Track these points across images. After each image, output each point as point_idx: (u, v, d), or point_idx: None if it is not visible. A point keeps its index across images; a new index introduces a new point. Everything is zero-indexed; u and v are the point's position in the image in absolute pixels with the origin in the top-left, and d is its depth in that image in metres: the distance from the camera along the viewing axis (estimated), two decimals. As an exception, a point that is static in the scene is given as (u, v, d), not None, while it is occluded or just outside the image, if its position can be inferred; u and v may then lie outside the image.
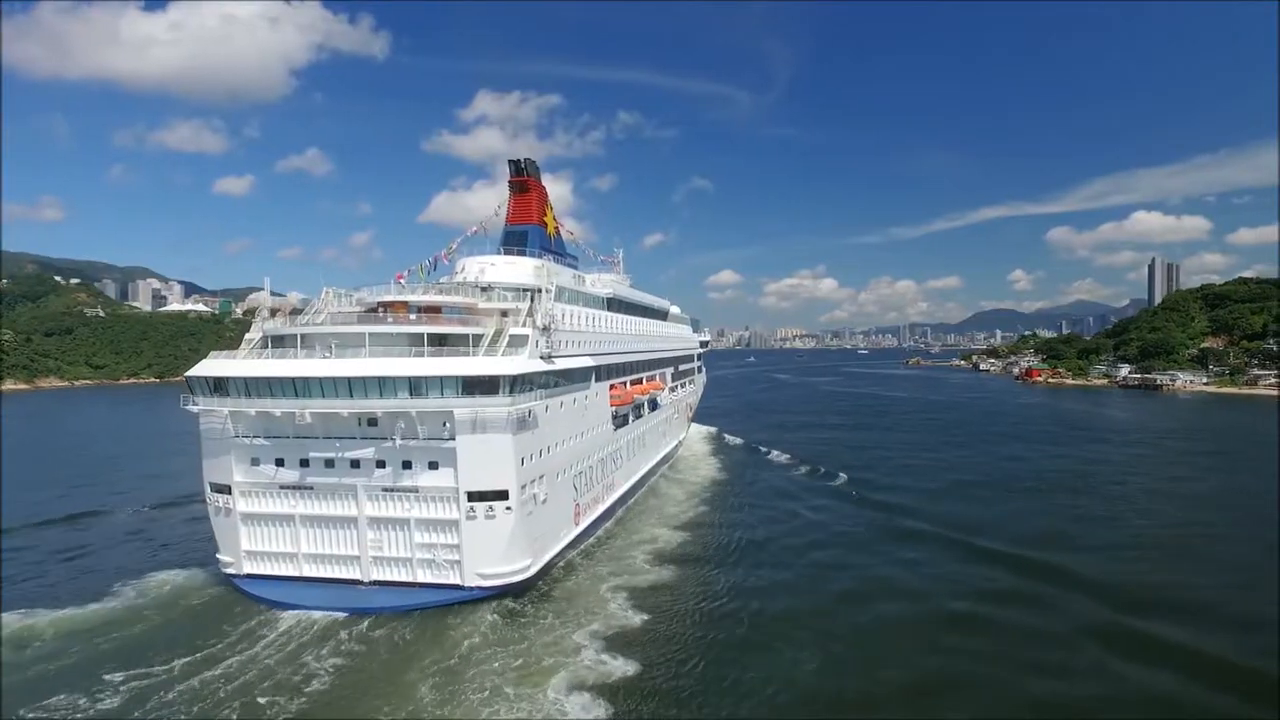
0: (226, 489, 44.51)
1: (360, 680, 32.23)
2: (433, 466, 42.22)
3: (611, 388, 62.35)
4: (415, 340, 43.50)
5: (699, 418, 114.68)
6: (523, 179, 66.01)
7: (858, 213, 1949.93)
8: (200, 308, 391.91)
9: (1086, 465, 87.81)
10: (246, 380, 42.91)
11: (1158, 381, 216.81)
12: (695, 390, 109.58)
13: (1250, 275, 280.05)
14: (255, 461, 44.31)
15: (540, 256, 60.35)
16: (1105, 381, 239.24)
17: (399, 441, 41.63)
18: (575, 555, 49.83)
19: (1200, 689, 32.22)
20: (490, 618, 38.91)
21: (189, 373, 45.19)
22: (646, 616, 39.13)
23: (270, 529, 44.72)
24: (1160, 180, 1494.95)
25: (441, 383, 41.08)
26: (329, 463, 43.33)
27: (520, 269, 56.79)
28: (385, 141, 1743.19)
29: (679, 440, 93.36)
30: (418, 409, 40.98)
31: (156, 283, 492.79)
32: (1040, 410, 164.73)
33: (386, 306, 47.62)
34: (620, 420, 63.87)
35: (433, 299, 48.88)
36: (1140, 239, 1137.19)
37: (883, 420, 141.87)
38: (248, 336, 48.72)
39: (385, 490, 42.90)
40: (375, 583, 43.31)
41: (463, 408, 40.88)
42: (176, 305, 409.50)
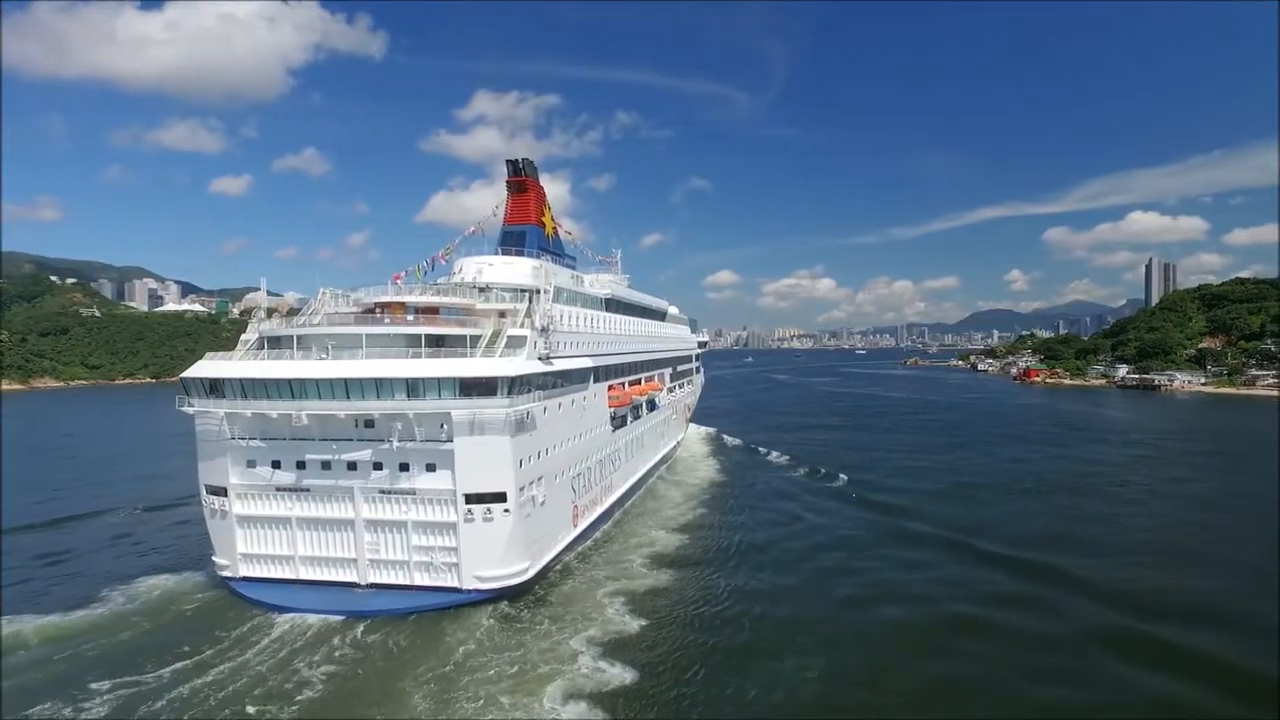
0: (222, 491, 44.14)
1: (353, 688, 31.76)
2: (430, 468, 41.87)
3: (610, 389, 62.00)
4: (412, 341, 43.14)
5: (697, 418, 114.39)
6: (520, 179, 65.68)
7: (856, 213, 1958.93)
8: (197, 308, 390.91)
9: (1087, 466, 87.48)
10: (242, 381, 42.57)
11: (1156, 382, 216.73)
12: (693, 391, 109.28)
13: (1247, 275, 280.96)
14: (251, 463, 43.95)
15: (538, 257, 60.00)
16: (1103, 382, 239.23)
17: (396, 443, 41.25)
18: (572, 559, 49.35)
19: (1204, 692, 31.90)
20: (486, 623, 38.47)
21: (184, 374, 44.84)
22: (645, 622, 38.52)
23: (266, 531, 44.36)
24: (1157, 181, 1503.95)
25: (439, 384, 40.76)
26: (326, 465, 42.97)
27: (518, 269, 56.45)
28: (383, 141, 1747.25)
29: (677, 441, 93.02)
30: (415, 411, 40.66)
31: (153, 283, 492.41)
32: (1039, 411, 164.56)
33: (384, 307, 47.30)
34: (619, 421, 63.52)
35: (430, 300, 48.51)
36: (1137, 239, 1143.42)
37: (882, 421, 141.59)
38: (244, 337, 48.34)
39: (382, 492, 42.57)
40: (372, 586, 42.95)
41: (460, 409, 40.56)
42: (173, 305, 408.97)
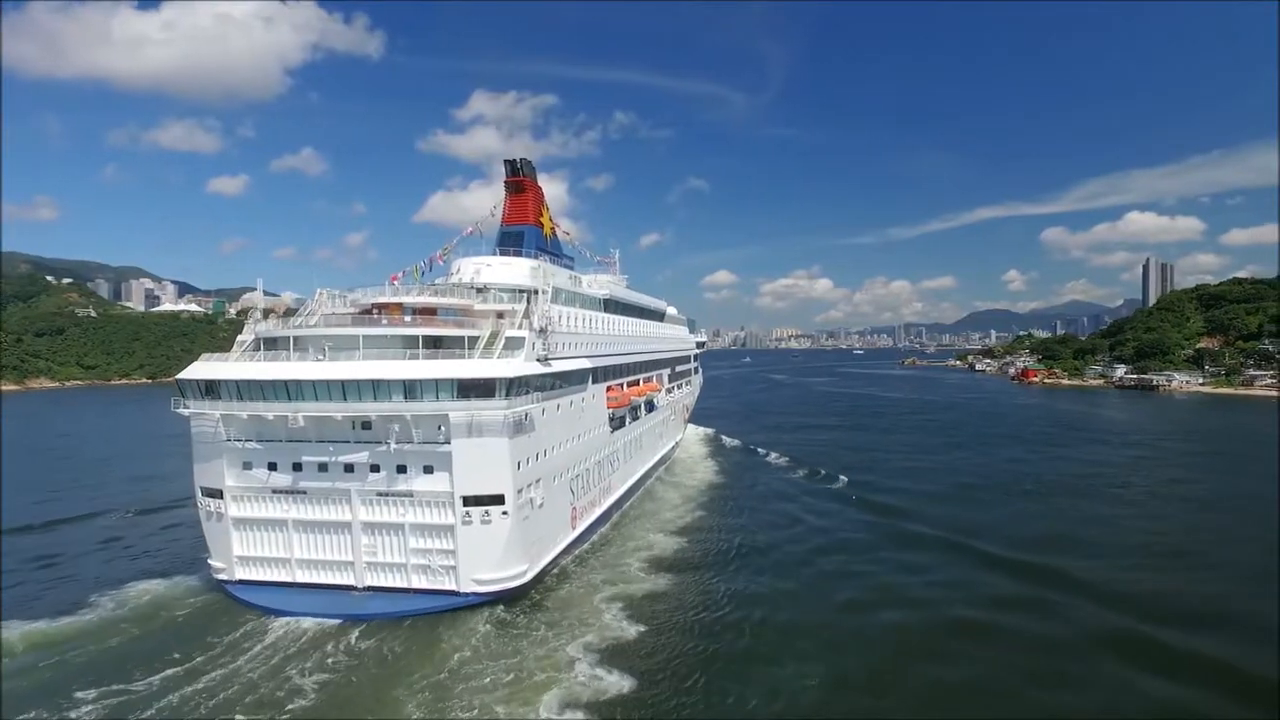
0: (218, 493, 43.79)
1: (346, 695, 31.24)
2: (428, 471, 41.51)
3: (608, 389, 61.70)
4: (410, 343, 42.81)
5: (695, 419, 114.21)
6: (519, 179, 65.36)
7: (853, 213, 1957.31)
8: (193, 308, 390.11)
9: (1086, 467, 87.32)
10: (238, 383, 42.23)
11: (1154, 382, 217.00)
12: (692, 391, 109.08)
13: (1244, 276, 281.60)
14: (247, 465, 43.57)
15: (536, 257, 59.69)
16: (1101, 382, 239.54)
17: (393, 445, 40.91)
18: (569, 562, 48.89)
19: (1207, 696, 31.70)
20: (483, 628, 37.92)
21: (180, 375, 44.42)
22: (643, 628, 37.93)
23: (263, 534, 44.00)
24: (1154, 181, 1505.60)
25: (437, 386, 40.46)
26: (322, 467, 42.61)
27: (516, 270, 56.11)
28: (380, 141, 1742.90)
29: (675, 442, 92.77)
30: (412, 412, 40.32)
31: (150, 283, 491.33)
32: (1038, 411, 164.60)
33: (381, 308, 46.97)
34: (617, 422, 63.24)
35: (428, 300, 48.20)
36: (1134, 239, 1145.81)
37: (880, 421, 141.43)
38: (240, 338, 47.95)
39: (379, 495, 42.23)
40: (369, 589, 42.56)
41: (458, 411, 40.24)
42: (169, 305, 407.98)
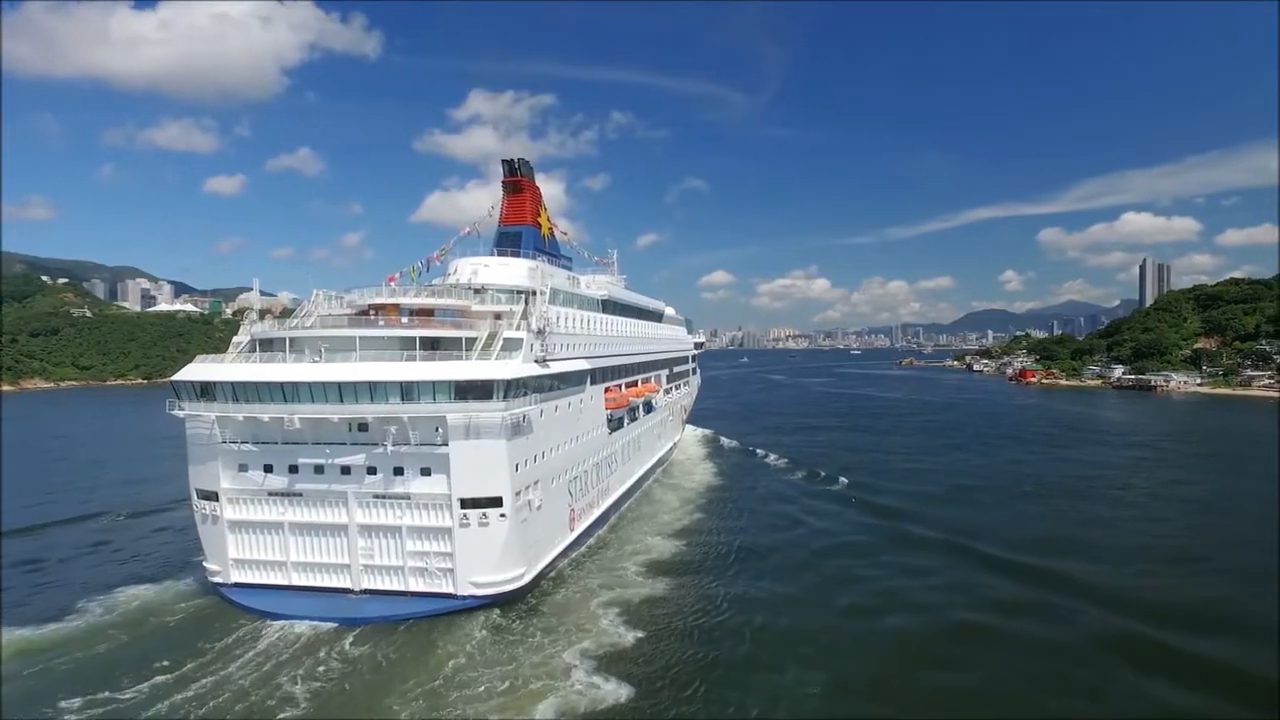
0: (213, 496, 43.44)
1: (338, 704, 30.74)
2: (425, 473, 41.20)
3: (606, 390, 61.41)
4: (407, 344, 42.51)
5: (694, 420, 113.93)
6: (516, 179, 65.12)
7: (851, 213, 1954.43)
8: (189, 308, 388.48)
9: (1086, 469, 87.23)
10: (234, 385, 41.93)
11: (1152, 382, 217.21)
12: (690, 392, 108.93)
13: (1240, 276, 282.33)
14: (243, 467, 43.24)
15: (534, 258, 59.52)
16: (1099, 382, 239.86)
17: (390, 447, 40.58)
18: (565, 566, 48.37)
19: (1214, 701, 31.49)
20: (478, 634, 37.42)
21: (175, 377, 44.09)
22: (641, 634, 37.30)
23: (258, 536, 43.67)
24: (1150, 181, 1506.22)
25: (434, 387, 40.18)
26: (319, 469, 42.27)
27: (514, 270, 55.85)
28: (377, 141, 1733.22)
29: (674, 443, 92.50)
30: (410, 414, 40.01)
31: (146, 283, 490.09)
32: (1036, 412, 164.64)
33: (378, 309, 46.65)
34: (615, 424, 62.91)
35: (425, 301, 47.86)
36: (1130, 240, 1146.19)
37: (880, 422, 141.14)
38: (235, 339, 47.74)
39: (376, 497, 41.91)
40: (366, 592, 42.26)
41: (456, 413, 39.93)
42: (165, 305, 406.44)
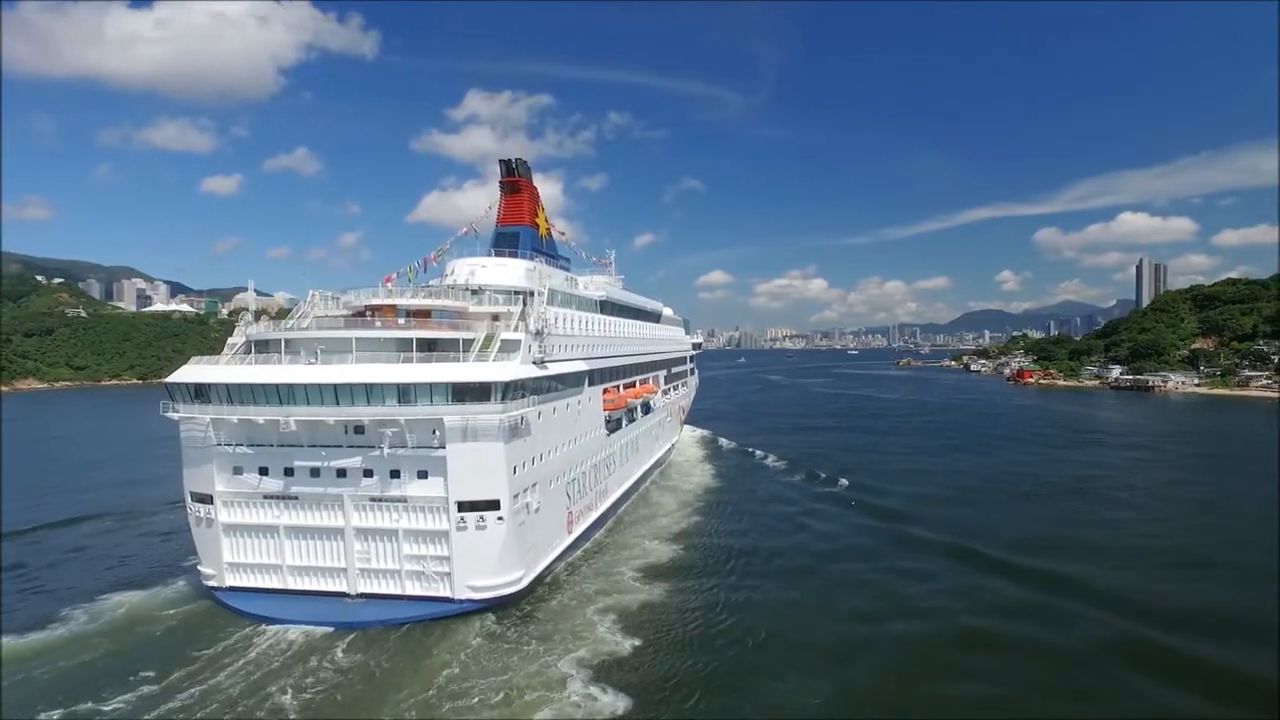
0: (208, 498, 43.04)
1: (329, 713, 30.19)
2: (422, 476, 40.82)
3: (604, 392, 61.06)
4: (404, 345, 42.16)
5: (692, 420, 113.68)
6: (514, 179, 64.85)
7: (848, 213, 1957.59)
8: (185, 308, 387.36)
9: (1086, 469, 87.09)
10: (229, 387, 41.49)
11: (1150, 383, 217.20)
12: (688, 393, 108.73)
13: (1236, 276, 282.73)
14: (238, 470, 42.86)
15: (532, 258, 59.19)
16: (1097, 383, 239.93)
17: (387, 450, 40.17)
18: (562, 571, 47.78)
19: (1212, 703, 31.36)
20: (473, 642, 36.81)
21: (169, 379, 43.72)
22: (638, 641, 36.66)
23: (254, 540, 43.28)
24: (1147, 182, 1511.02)
25: (431, 390, 39.78)
26: (314, 472, 41.88)
27: (512, 271, 55.52)
28: (375, 141, 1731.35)
29: (672, 444, 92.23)
30: (406, 417, 39.62)
31: (142, 283, 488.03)
32: (1035, 412, 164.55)
33: (374, 310, 46.29)
34: (613, 425, 62.62)
35: (422, 302, 47.57)
36: (1127, 240, 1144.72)
37: (879, 423, 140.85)
38: (230, 341, 47.24)
39: (373, 500, 41.54)
40: (362, 595, 41.93)
41: (453, 415, 39.51)
42: (161, 305, 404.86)
